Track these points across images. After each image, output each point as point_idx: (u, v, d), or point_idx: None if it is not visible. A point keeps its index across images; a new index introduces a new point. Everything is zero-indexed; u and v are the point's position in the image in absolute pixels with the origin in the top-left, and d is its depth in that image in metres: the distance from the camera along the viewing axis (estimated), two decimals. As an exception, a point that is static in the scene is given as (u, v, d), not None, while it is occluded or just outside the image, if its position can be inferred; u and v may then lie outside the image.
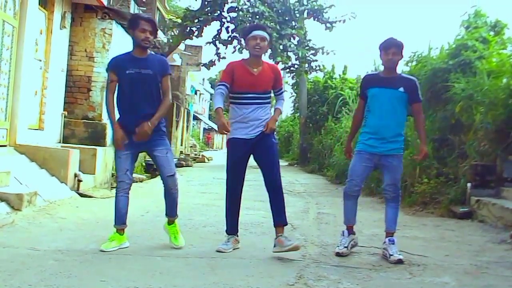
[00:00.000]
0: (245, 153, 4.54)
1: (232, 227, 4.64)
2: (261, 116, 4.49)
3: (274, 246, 4.39)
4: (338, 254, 4.40)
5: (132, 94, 4.38)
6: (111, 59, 4.64)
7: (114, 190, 4.53)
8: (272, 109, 4.68)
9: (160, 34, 17.26)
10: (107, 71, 4.55)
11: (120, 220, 4.47)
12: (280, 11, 16.25)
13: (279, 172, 4.53)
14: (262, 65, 4.53)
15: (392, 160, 4.52)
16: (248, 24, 15.26)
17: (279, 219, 4.49)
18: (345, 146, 5.03)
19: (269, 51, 16.05)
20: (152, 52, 4.68)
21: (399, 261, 4.22)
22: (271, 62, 9.31)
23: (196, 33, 16.11)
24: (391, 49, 4.50)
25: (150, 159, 4.70)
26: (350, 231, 4.63)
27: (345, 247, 4.48)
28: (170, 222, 4.66)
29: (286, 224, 4.53)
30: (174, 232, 4.59)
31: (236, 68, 4.51)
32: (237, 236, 4.67)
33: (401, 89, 4.51)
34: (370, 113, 4.64)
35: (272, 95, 4.72)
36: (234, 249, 4.52)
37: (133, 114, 4.39)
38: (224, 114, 4.38)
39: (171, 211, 4.65)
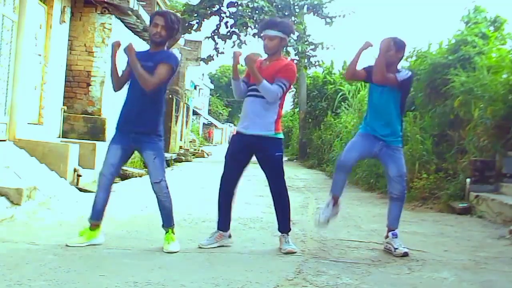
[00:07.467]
0: (239, 149, 4.40)
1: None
2: (259, 110, 4.30)
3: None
4: (318, 222, 4.28)
5: (133, 88, 4.29)
6: None
7: (113, 186, 4.45)
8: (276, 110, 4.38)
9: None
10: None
11: (95, 216, 4.28)
12: (279, 6, 16.25)
13: (283, 181, 4.40)
14: (276, 60, 4.37)
15: (394, 152, 4.47)
16: (248, 19, 15.29)
17: (282, 226, 4.45)
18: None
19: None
20: (169, 51, 4.42)
21: (405, 254, 4.23)
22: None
23: (195, 27, 16.11)
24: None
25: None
26: (335, 202, 4.51)
27: (327, 218, 4.37)
28: (166, 230, 4.34)
29: (289, 230, 4.45)
30: (168, 238, 4.27)
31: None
32: (226, 232, 4.49)
33: None
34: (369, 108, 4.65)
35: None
36: (220, 245, 4.37)
37: (129, 109, 4.29)
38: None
39: (164, 220, 4.35)
